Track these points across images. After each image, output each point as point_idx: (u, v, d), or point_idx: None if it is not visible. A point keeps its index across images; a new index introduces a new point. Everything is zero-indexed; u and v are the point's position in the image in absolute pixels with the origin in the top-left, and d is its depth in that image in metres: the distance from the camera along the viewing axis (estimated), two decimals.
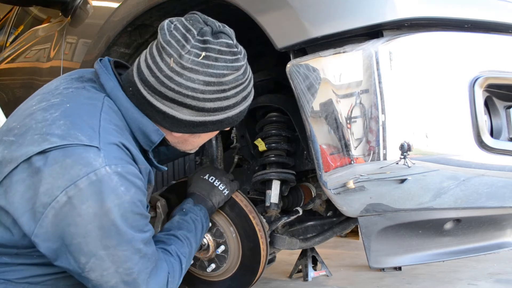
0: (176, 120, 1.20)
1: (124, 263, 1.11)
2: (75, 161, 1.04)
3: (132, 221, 1.11)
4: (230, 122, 1.26)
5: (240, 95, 1.22)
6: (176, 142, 1.32)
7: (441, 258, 1.52)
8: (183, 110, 1.18)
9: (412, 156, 1.18)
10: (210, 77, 1.14)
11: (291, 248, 1.80)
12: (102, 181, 1.05)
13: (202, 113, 1.19)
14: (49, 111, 1.12)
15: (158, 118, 1.20)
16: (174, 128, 1.23)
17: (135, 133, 1.21)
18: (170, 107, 1.18)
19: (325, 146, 1.28)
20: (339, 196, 1.32)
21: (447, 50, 1.22)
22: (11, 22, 3.60)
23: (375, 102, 1.19)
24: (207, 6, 1.63)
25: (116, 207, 1.07)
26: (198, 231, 1.43)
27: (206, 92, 1.15)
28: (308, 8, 1.26)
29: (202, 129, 1.24)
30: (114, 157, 1.09)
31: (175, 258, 1.30)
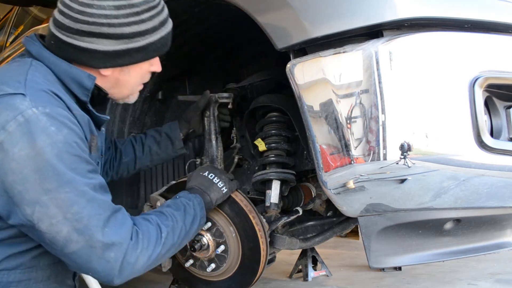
0: (99, 53, 1.19)
1: (70, 206, 1.08)
2: (2, 108, 1.07)
3: (70, 162, 1.09)
4: (154, 49, 1.26)
5: (156, 19, 1.24)
6: (110, 87, 1.30)
7: (441, 258, 1.53)
8: (103, 41, 1.18)
9: (412, 156, 1.18)
10: (119, 1, 1.17)
11: (291, 248, 1.80)
12: (30, 122, 1.06)
13: (122, 40, 1.19)
14: None
15: (84, 58, 1.20)
16: (101, 63, 1.22)
17: (69, 86, 1.21)
18: (91, 41, 1.18)
19: (325, 146, 1.28)
20: (339, 196, 1.32)
21: (447, 50, 1.22)
22: (11, 22, 3.59)
23: (375, 102, 1.19)
24: (207, 6, 1.63)
25: (49, 146, 1.06)
26: (189, 215, 1.36)
27: (119, 16, 1.17)
28: (308, 8, 1.26)
29: (128, 59, 1.23)
30: (41, 100, 1.10)
31: (152, 224, 1.24)
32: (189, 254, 1.66)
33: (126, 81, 1.31)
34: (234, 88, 1.91)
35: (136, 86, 1.36)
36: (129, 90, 1.35)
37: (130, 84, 1.33)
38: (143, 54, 1.25)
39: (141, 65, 1.29)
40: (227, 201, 1.59)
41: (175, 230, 1.29)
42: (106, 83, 1.29)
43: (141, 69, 1.30)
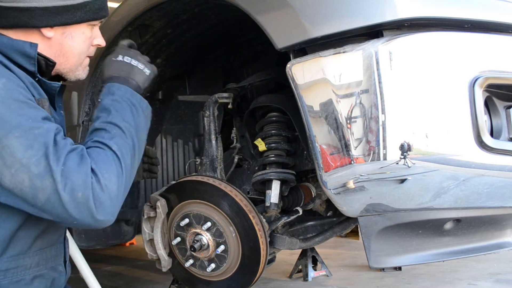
0: (40, 10, 1.22)
1: (24, 151, 1.06)
2: None
3: (17, 108, 1.09)
4: (92, 9, 1.29)
5: None
6: (56, 55, 1.31)
7: (441, 258, 1.53)
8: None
9: (412, 156, 1.18)
10: None
11: (291, 248, 1.80)
12: None
13: None
14: None
15: (26, 18, 1.23)
16: (43, 21, 1.24)
17: (14, 59, 1.22)
18: (31, 1, 1.21)
19: (325, 146, 1.28)
20: (339, 196, 1.32)
21: (447, 50, 1.22)
22: None
23: (375, 102, 1.19)
24: (207, 6, 1.63)
25: None
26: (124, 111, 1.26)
27: None
28: (308, 8, 1.26)
29: (69, 17, 1.26)
30: None
31: (101, 147, 1.18)
32: (189, 254, 1.66)
33: (70, 47, 1.31)
34: (234, 88, 1.91)
35: (81, 54, 1.35)
36: (76, 60, 1.34)
37: (75, 51, 1.32)
38: (82, 13, 1.27)
39: (83, 29, 1.31)
40: (227, 201, 1.59)
41: (123, 135, 1.22)
42: (51, 49, 1.30)
43: (83, 34, 1.32)
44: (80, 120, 1.94)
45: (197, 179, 1.67)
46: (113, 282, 3.11)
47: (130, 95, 1.29)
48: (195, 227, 1.63)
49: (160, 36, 1.81)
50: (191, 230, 1.64)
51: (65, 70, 1.35)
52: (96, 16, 1.32)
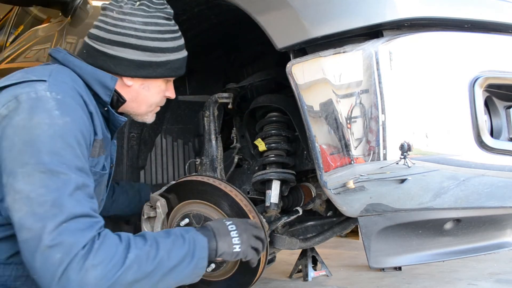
0: (126, 61, 1.34)
1: (38, 187, 1.06)
2: (23, 86, 1.17)
3: (59, 148, 1.10)
4: (172, 68, 1.41)
5: (176, 42, 1.41)
6: (130, 100, 1.41)
7: (441, 258, 1.52)
8: (130, 51, 1.33)
9: (412, 156, 1.18)
10: (147, 18, 1.35)
11: (291, 248, 1.80)
12: (40, 100, 1.13)
13: (146, 52, 1.35)
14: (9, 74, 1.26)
15: (112, 65, 1.34)
16: (126, 71, 1.35)
17: (92, 86, 1.31)
18: (119, 50, 1.33)
19: (325, 146, 1.28)
20: (339, 196, 1.32)
21: (447, 50, 1.22)
22: (11, 22, 3.60)
23: (375, 102, 1.19)
24: (207, 6, 1.64)
25: (46, 125, 1.11)
26: (178, 248, 1.20)
27: (146, 31, 1.34)
28: (308, 8, 1.26)
29: (150, 72, 1.37)
30: (58, 88, 1.18)
31: (121, 241, 1.14)
32: None
33: (145, 96, 1.42)
34: (234, 88, 1.91)
35: (153, 104, 1.47)
36: (147, 107, 1.46)
37: (148, 101, 1.44)
38: (162, 70, 1.39)
39: (159, 83, 1.43)
40: (227, 201, 1.59)
41: (150, 258, 1.15)
42: (127, 94, 1.40)
43: (159, 87, 1.43)
44: None
45: (197, 179, 1.67)
46: None
47: (200, 248, 1.24)
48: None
49: None
50: None
51: (134, 113, 1.47)
52: (174, 74, 1.44)
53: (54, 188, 1.07)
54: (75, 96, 1.21)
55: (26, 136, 1.09)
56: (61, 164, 1.09)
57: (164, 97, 1.48)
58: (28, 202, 1.06)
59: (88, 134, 1.21)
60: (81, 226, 1.08)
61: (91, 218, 1.12)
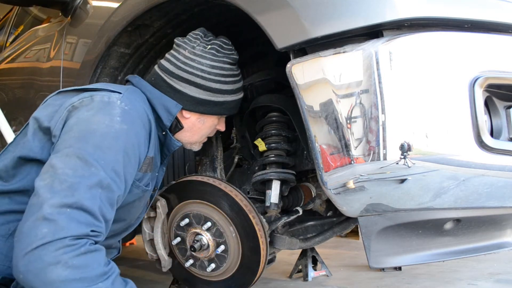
0: (188, 97, 1.49)
1: (68, 168, 1.14)
2: (101, 92, 1.33)
3: (105, 147, 1.20)
4: (228, 108, 1.57)
5: (235, 85, 1.57)
6: (185, 129, 1.55)
7: (441, 258, 1.52)
8: (194, 89, 1.49)
9: (412, 156, 1.18)
10: (215, 62, 1.51)
11: (291, 248, 1.80)
12: (110, 104, 1.28)
13: (207, 92, 1.50)
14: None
15: (175, 97, 1.49)
16: (187, 105, 1.50)
17: (157, 109, 1.45)
18: (184, 86, 1.49)
19: (325, 146, 1.28)
20: (339, 196, 1.32)
21: (447, 50, 1.22)
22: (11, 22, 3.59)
23: (375, 102, 1.19)
24: (207, 6, 1.63)
25: (103, 125, 1.22)
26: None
27: (211, 73, 1.50)
28: (308, 8, 1.26)
29: (207, 109, 1.52)
30: (129, 101, 1.32)
31: (106, 267, 1.12)
32: (189, 254, 1.66)
33: (199, 128, 1.57)
34: None
35: (204, 135, 1.62)
36: (198, 137, 1.61)
37: (201, 132, 1.59)
38: (219, 108, 1.55)
39: (214, 119, 1.58)
40: (227, 201, 1.59)
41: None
42: (185, 123, 1.55)
43: (213, 122, 1.59)
44: None
45: (197, 179, 1.67)
46: None
47: None
48: (195, 227, 1.63)
49: (160, 36, 1.81)
50: (191, 230, 1.64)
51: (185, 141, 1.59)
52: (228, 113, 1.60)
53: (80, 174, 1.14)
54: (141, 113, 1.35)
55: (83, 126, 1.21)
56: (99, 159, 1.17)
57: (214, 130, 1.64)
58: (53, 176, 1.13)
59: (140, 148, 1.31)
60: (80, 219, 1.09)
61: (94, 219, 1.13)
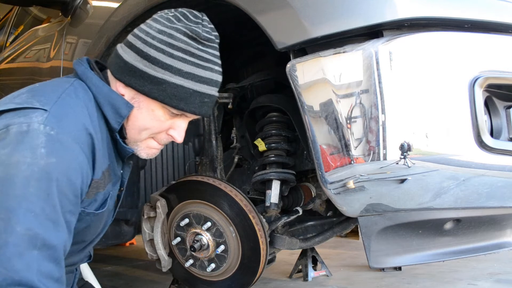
0: (122, 61, 1.18)
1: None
2: (20, 114, 1.04)
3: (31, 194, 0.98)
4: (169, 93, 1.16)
5: (188, 66, 1.16)
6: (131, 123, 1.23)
7: (441, 258, 1.52)
8: (132, 53, 1.17)
9: (412, 156, 1.18)
10: (166, 28, 1.17)
11: (291, 248, 1.80)
12: (29, 134, 1.01)
13: (144, 60, 1.15)
14: (19, 91, 1.15)
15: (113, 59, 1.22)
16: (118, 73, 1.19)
17: (104, 110, 1.17)
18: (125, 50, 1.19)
19: (325, 146, 1.28)
20: (339, 196, 1.32)
21: (447, 50, 1.22)
22: (11, 22, 3.59)
23: (375, 102, 1.19)
24: (207, 6, 1.63)
25: (25, 165, 0.98)
26: None
27: (155, 38, 1.16)
28: (308, 8, 1.26)
29: (137, 82, 1.17)
30: (58, 120, 1.04)
31: None
32: (189, 254, 1.66)
33: (135, 116, 1.21)
34: (234, 88, 1.91)
35: (144, 131, 1.23)
36: (135, 132, 1.23)
37: (138, 122, 1.21)
38: (154, 88, 1.16)
39: (153, 106, 1.19)
40: (227, 201, 1.59)
41: None
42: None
43: (152, 111, 1.20)
44: None
45: (197, 179, 1.67)
46: (113, 282, 3.11)
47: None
48: (195, 227, 1.63)
49: None
50: (191, 230, 1.64)
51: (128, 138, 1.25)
52: (170, 103, 1.17)
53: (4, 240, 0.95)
54: (76, 133, 1.07)
55: (1, 173, 0.98)
56: (26, 213, 0.97)
57: (163, 131, 1.24)
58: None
59: (78, 179, 1.06)
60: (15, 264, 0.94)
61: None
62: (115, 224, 2.08)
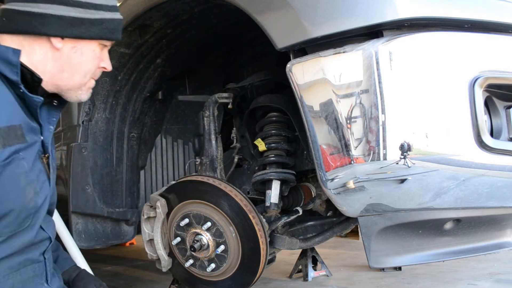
0: (54, 18, 1.17)
1: None
2: None
3: None
4: (107, 28, 1.25)
5: (110, 1, 1.26)
6: (61, 69, 1.24)
7: (441, 258, 1.53)
8: (59, 7, 1.17)
9: (412, 156, 1.18)
10: None
11: (291, 248, 1.80)
12: None
13: (77, 8, 1.19)
14: None
15: (38, 25, 1.17)
16: (56, 30, 1.18)
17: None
18: (46, 7, 1.17)
19: (325, 146, 1.28)
20: (339, 196, 1.32)
21: (447, 50, 1.22)
22: None
23: (375, 102, 1.19)
24: (207, 6, 1.63)
25: None
26: None
27: None
28: (308, 8, 1.26)
29: (82, 31, 1.20)
30: None
31: None
32: (189, 254, 1.66)
33: (78, 62, 1.24)
34: (234, 88, 1.91)
35: (88, 73, 1.28)
36: (80, 77, 1.26)
37: (82, 68, 1.25)
38: (97, 29, 1.22)
39: (94, 47, 1.25)
40: (227, 201, 1.59)
41: None
42: (56, 62, 1.23)
43: (93, 52, 1.26)
44: (80, 121, 1.94)
45: (197, 179, 1.67)
46: (113, 282, 3.11)
47: None
48: (195, 227, 1.63)
49: (160, 36, 1.81)
50: (191, 230, 1.64)
51: (67, 88, 1.27)
52: (110, 36, 1.26)
53: None
54: None
55: None
56: None
57: (99, 68, 1.30)
58: None
59: None
60: None
61: None
62: (115, 224, 2.08)
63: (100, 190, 1.97)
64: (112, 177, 2.03)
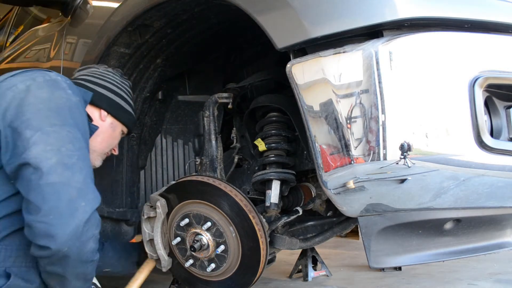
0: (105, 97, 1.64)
1: (67, 143, 1.28)
2: (35, 71, 1.40)
3: (77, 117, 1.37)
4: (132, 121, 1.74)
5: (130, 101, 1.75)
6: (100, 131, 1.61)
7: (441, 258, 1.52)
8: (109, 93, 1.65)
9: (412, 156, 1.18)
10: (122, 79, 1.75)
11: (291, 248, 1.80)
12: (55, 81, 1.39)
13: (119, 98, 1.68)
14: None
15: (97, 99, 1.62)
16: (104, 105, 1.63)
17: None
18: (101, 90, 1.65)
19: (325, 146, 1.28)
20: (339, 196, 1.32)
21: (447, 50, 1.22)
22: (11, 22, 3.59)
23: (375, 102, 1.19)
24: (207, 6, 1.63)
25: (64, 98, 1.36)
26: None
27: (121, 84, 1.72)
28: (308, 8, 1.26)
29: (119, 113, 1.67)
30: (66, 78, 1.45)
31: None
32: (189, 254, 1.66)
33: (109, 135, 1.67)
34: (234, 88, 1.91)
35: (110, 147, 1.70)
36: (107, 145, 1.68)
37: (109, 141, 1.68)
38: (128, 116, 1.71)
39: (119, 130, 1.71)
40: (227, 201, 1.59)
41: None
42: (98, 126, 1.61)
43: (119, 133, 1.71)
44: None
45: (197, 179, 1.67)
46: (113, 282, 3.10)
47: None
48: (195, 227, 1.63)
49: (160, 36, 1.81)
50: (191, 230, 1.64)
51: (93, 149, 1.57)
52: (132, 127, 1.76)
53: (78, 146, 1.30)
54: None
55: (50, 105, 1.31)
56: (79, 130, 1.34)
57: (112, 149, 1.72)
58: (59, 153, 1.25)
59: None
60: (93, 187, 1.31)
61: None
62: (115, 224, 2.08)
63: (100, 190, 1.96)
64: (112, 177, 2.03)
